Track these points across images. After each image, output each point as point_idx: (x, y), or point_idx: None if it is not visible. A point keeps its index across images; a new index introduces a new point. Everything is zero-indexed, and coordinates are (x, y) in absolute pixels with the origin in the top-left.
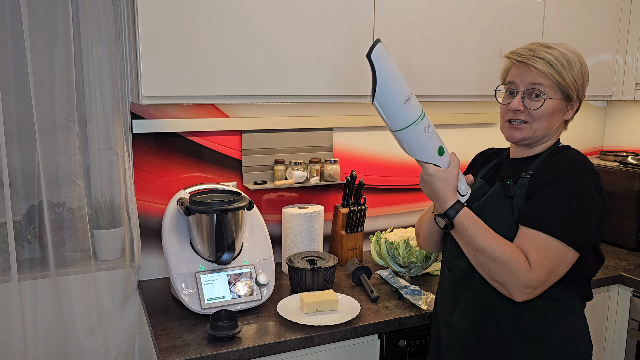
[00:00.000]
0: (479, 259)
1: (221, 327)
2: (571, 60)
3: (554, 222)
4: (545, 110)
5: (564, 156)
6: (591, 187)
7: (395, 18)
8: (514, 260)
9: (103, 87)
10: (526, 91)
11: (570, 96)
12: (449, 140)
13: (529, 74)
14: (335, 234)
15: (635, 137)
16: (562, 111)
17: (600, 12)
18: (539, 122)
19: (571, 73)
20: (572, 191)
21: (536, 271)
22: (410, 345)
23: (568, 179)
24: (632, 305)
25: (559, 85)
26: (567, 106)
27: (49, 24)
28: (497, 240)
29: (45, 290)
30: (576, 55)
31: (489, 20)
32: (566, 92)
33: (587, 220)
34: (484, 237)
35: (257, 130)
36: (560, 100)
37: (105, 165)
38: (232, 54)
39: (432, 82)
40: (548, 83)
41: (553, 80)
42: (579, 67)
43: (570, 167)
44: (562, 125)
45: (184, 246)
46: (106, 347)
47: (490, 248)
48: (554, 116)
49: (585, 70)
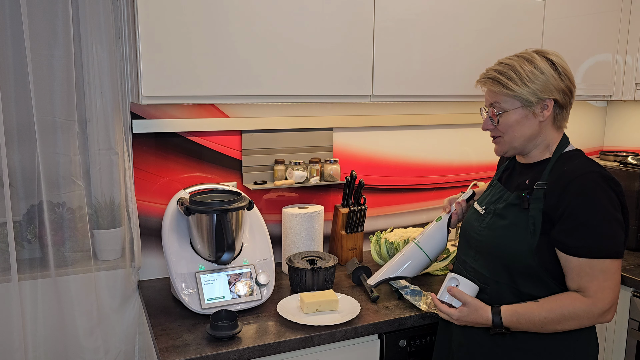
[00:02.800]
0: (550, 329)
1: (221, 327)
2: (518, 69)
3: (593, 242)
4: (506, 122)
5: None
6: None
7: (395, 18)
8: (574, 308)
9: (103, 87)
10: (489, 110)
11: (530, 101)
12: (448, 140)
13: (487, 94)
14: (335, 234)
15: (635, 137)
16: (529, 116)
17: (600, 12)
18: (508, 134)
19: (521, 79)
20: (594, 208)
21: (600, 298)
22: (410, 345)
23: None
24: (632, 305)
25: (511, 96)
26: (534, 110)
27: (49, 24)
28: (547, 306)
29: (45, 290)
30: (528, 61)
31: (489, 20)
32: (521, 98)
33: (615, 227)
34: (537, 314)
35: (257, 130)
36: (521, 108)
37: (105, 165)
38: (232, 54)
39: (431, 81)
40: (501, 98)
41: (504, 94)
42: (529, 71)
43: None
44: (548, 128)
45: (184, 246)
46: (106, 347)
47: (548, 317)
48: (523, 123)
49: (544, 69)
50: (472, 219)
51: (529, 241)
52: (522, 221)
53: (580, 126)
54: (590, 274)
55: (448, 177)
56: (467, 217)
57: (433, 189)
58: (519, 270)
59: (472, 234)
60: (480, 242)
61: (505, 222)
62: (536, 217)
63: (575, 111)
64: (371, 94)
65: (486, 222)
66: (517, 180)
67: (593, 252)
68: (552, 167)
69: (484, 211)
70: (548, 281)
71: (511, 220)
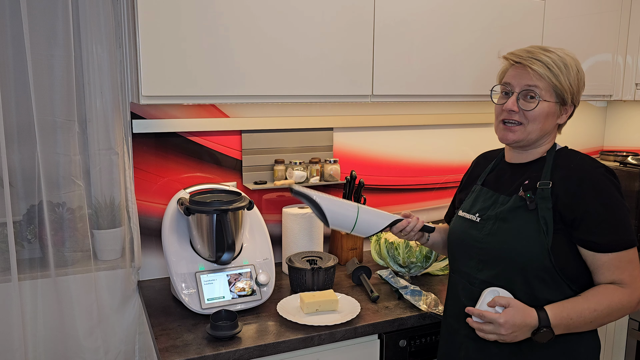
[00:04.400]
0: (598, 324)
1: (221, 327)
2: (569, 65)
3: (617, 237)
4: (539, 112)
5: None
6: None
7: (395, 18)
8: (617, 300)
9: (103, 87)
10: (521, 92)
11: (565, 100)
12: (448, 140)
13: (526, 75)
14: (335, 234)
15: (635, 137)
16: (556, 114)
17: (600, 12)
18: (533, 123)
19: (568, 77)
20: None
21: (635, 287)
22: (410, 345)
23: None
24: None
25: (555, 88)
26: (561, 110)
27: (49, 24)
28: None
29: (45, 290)
30: (574, 61)
31: (489, 21)
32: (561, 95)
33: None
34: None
35: (257, 130)
36: (555, 104)
37: (105, 165)
38: (232, 54)
39: (431, 82)
40: (544, 85)
41: (549, 82)
42: (575, 72)
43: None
44: (556, 130)
45: (184, 246)
46: (106, 347)
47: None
48: (548, 119)
49: (582, 76)
50: (467, 228)
51: (542, 241)
52: (531, 222)
53: (580, 126)
54: (620, 266)
55: (448, 177)
56: (458, 228)
57: (433, 189)
58: (534, 273)
59: (472, 243)
60: (483, 251)
61: (511, 225)
62: (547, 217)
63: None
64: (371, 94)
65: (487, 229)
66: (509, 182)
67: (620, 246)
68: (552, 165)
69: (479, 219)
70: (562, 282)
71: (519, 223)
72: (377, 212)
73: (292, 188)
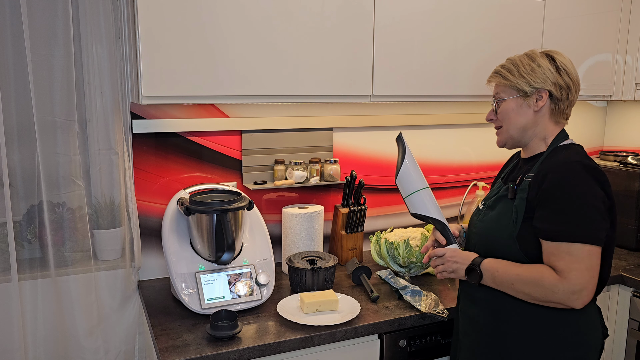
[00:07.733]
0: (518, 290)
1: (221, 327)
2: (518, 62)
3: (563, 228)
4: (504, 109)
5: (558, 160)
6: (587, 182)
7: (395, 18)
8: (543, 277)
9: (103, 87)
10: (494, 103)
11: (525, 90)
12: (448, 140)
13: (492, 89)
14: (335, 234)
15: (635, 137)
16: (525, 106)
17: (600, 12)
18: (506, 122)
19: (518, 71)
20: (569, 194)
21: (568, 278)
22: (410, 345)
23: (561, 183)
24: (632, 305)
25: (511, 86)
26: (529, 100)
27: (49, 24)
28: (523, 268)
29: (45, 290)
30: (529, 57)
31: (489, 21)
32: (518, 87)
33: (591, 213)
34: (513, 271)
35: (257, 130)
36: (518, 97)
37: (105, 165)
38: (232, 54)
39: (431, 81)
40: (501, 88)
41: (504, 83)
42: (527, 63)
43: (563, 170)
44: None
45: (184, 246)
46: (106, 347)
47: (521, 275)
48: (518, 112)
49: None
50: (474, 216)
51: (510, 229)
52: (508, 211)
53: (580, 126)
54: (557, 254)
55: (448, 177)
56: (472, 217)
57: (433, 188)
58: (506, 257)
59: (472, 229)
60: (476, 235)
61: (494, 212)
62: (519, 206)
63: (575, 111)
64: (371, 94)
65: (481, 216)
66: (517, 174)
67: (564, 237)
68: (544, 160)
69: (482, 206)
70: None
71: (499, 211)
72: (436, 204)
73: (401, 134)
